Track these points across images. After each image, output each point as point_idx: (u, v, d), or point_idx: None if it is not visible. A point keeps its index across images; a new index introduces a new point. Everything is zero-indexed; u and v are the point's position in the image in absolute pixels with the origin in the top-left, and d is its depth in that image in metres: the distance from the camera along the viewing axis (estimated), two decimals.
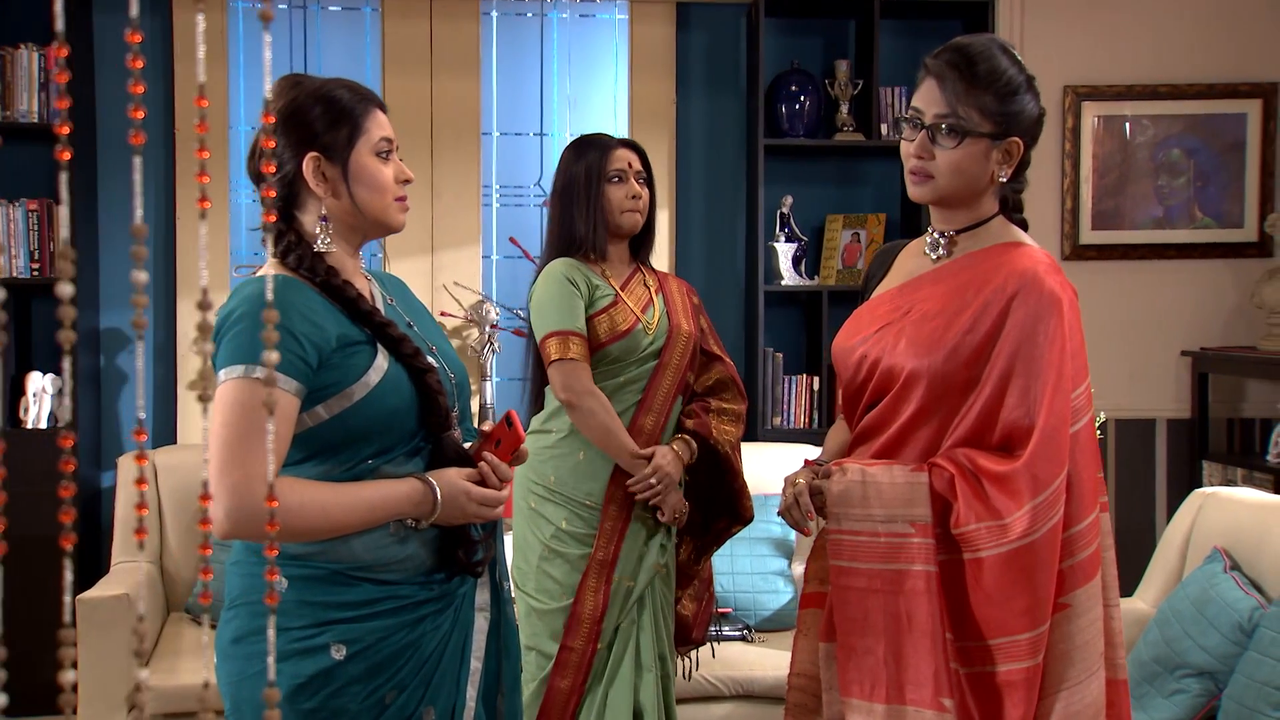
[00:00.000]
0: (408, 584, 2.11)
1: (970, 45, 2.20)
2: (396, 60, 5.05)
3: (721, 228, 5.25)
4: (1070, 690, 2.05)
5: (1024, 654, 2.04)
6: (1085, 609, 2.07)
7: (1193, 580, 3.45)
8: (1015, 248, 2.19)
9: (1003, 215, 2.25)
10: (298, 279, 2.08)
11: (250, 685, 2.07)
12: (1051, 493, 2.05)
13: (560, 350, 3.15)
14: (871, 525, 2.15)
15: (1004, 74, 2.16)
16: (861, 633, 2.15)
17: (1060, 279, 2.13)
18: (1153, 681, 3.36)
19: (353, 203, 2.14)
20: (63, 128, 0.83)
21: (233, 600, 2.12)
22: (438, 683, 2.14)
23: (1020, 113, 2.18)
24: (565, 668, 3.18)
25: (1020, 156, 2.20)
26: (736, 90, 5.22)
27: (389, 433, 2.08)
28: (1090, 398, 2.13)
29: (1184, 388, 5.26)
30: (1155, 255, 5.26)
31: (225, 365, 1.98)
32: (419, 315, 2.30)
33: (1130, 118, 5.23)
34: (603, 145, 3.29)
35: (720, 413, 3.34)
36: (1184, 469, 5.23)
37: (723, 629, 4.27)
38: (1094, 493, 2.11)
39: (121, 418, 4.93)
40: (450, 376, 2.21)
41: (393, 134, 2.19)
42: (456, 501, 2.10)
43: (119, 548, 4.43)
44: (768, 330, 5.11)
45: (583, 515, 3.21)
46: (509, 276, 5.23)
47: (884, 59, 5.09)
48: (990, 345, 2.11)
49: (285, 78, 2.19)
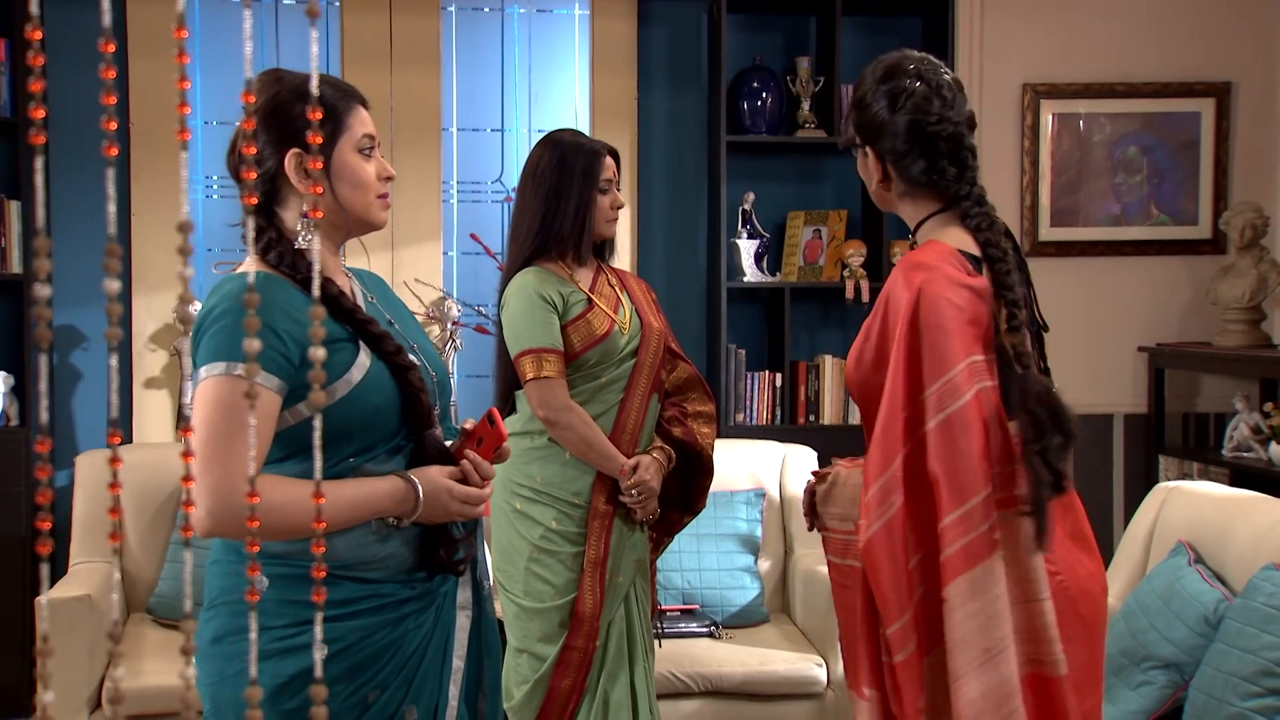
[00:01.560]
0: (389, 582, 2.12)
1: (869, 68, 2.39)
2: (356, 56, 5.07)
3: (684, 224, 5.30)
4: (965, 680, 2.06)
5: (897, 644, 2.12)
6: (960, 603, 2.06)
7: (1158, 574, 3.53)
8: (920, 248, 2.30)
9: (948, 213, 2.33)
10: (279, 275, 2.09)
11: (230, 685, 2.07)
12: (882, 485, 2.12)
13: (535, 369, 3.22)
14: (835, 523, 2.33)
15: (859, 86, 2.37)
16: (840, 624, 2.35)
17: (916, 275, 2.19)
18: (1119, 674, 3.43)
19: (335, 200, 2.15)
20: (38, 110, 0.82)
21: (212, 600, 2.13)
22: (420, 682, 2.15)
23: (867, 122, 2.34)
24: (568, 667, 3.23)
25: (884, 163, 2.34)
26: (698, 86, 5.28)
27: (370, 431, 2.09)
28: (960, 384, 2.11)
29: (1141, 383, 5.37)
30: (1112, 252, 5.37)
31: (206, 363, 1.99)
32: (399, 313, 2.32)
33: (1087, 115, 5.33)
34: (594, 152, 3.31)
35: (696, 416, 3.44)
36: (1141, 464, 5.34)
37: (690, 626, 4.33)
38: (973, 486, 2.08)
39: (76, 416, 4.92)
40: (431, 375, 2.23)
41: (374, 131, 2.21)
42: (438, 500, 2.11)
43: (78, 548, 4.42)
44: (730, 327, 5.17)
45: (571, 514, 3.26)
46: (470, 273, 5.26)
47: (845, 56, 5.14)
48: (885, 349, 2.21)
49: (266, 73, 2.20)
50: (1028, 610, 2.13)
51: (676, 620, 4.35)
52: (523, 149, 5.17)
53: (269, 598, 2.06)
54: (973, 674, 2.05)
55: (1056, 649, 2.12)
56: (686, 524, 3.53)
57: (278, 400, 2.01)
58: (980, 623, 2.06)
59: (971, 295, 2.17)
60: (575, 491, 3.27)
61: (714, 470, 3.47)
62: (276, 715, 2.04)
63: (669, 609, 4.39)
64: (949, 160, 2.31)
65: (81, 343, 4.91)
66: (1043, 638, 2.12)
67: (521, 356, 3.24)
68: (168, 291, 4.92)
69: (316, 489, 0.95)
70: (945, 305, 2.14)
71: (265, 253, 2.12)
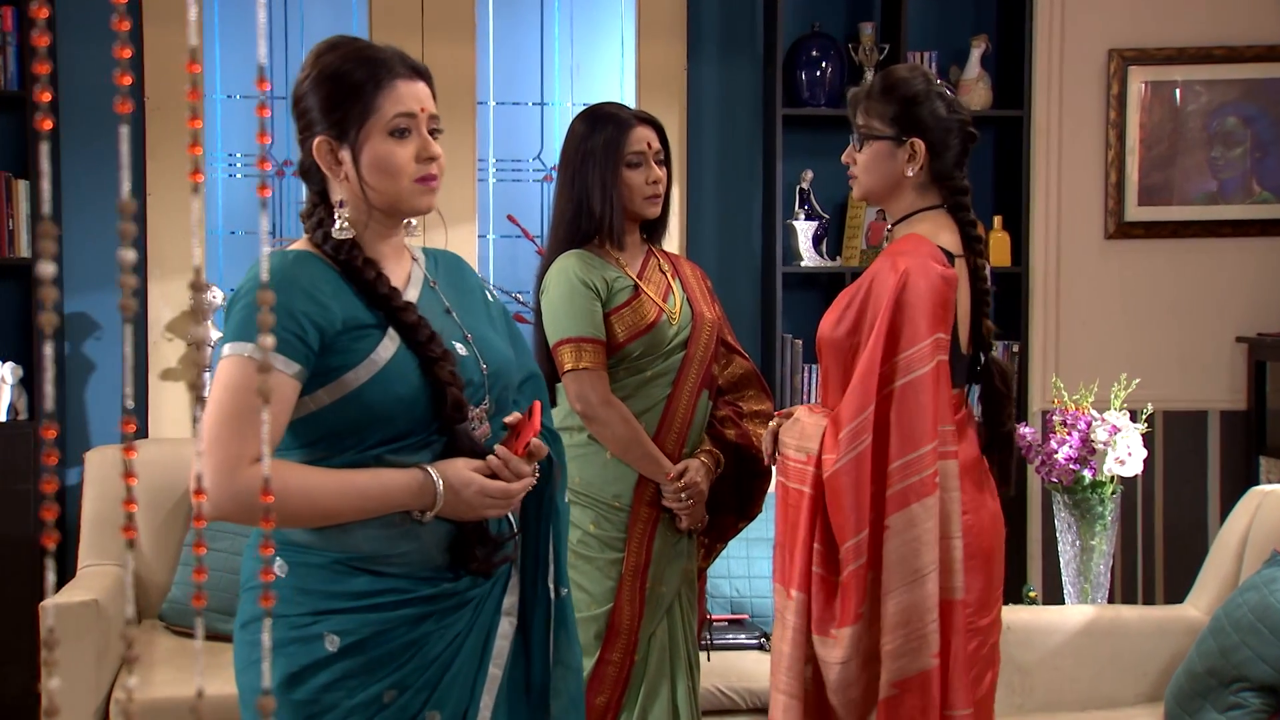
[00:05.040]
0: (410, 579, 2.15)
1: (890, 71, 2.92)
2: (385, 25, 4.99)
3: (736, 205, 5.20)
4: (895, 594, 2.67)
5: (850, 558, 2.71)
6: (897, 531, 2.69)
7: (1250, 586, 3.43)
8: (902, 236, 2.85)
9: (942, 210, 2.88)
10: (320, 256, 2.16)
11: (250, 673, 2.18)
12: (855, 427, 2.71)
13: (574, 359, 3.15)
14: (792, 452, 2.87)
15: (905, 89, 2.84)
16: (779, 534, 2.93)
17: (902, 261, 2.75)
18: (1207, 695, 3.36)
19: (362, 190, 2.17)
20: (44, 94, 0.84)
21: (245, 584, 2.24)
22: (446, 686, 2.16)
23: (925, 117, 2.83)
24: (603, 682, 3.17)
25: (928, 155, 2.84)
26: (752, 56, 5.17)
27: (393, 422, 2.11)
28: (924, 355, 2.71)
29: (1239, 377, 5.21)
30: (1208, 233, 5.21)
31: (227, 341, 2.08)
32: (464, 298, 2.33)
33: (1181, 83, 5.16)
34: (620, 121, 3.23)
35: (753, 416, 3.37)
36: (1239, 465, 5.18)
37: (738, 637, 4.28)
38: (922, 438, 2.70)
39: (89, 409, 4.88)
40: (482, 366, 2.23)
41: (417, 106, 2.18)
42: (462, 495, 2.12)
43: (86, 549, 4.41)
44: (786, 315, 5.06)
45: (611, 518, 3.20)
46: (507, 257, 5.18)
47: (912, 21, 5.03)
48: (862, 317, 2.79)
49: (324, 43, 2.23)
50: (944, 545, 2.71)
51: (724, 631, 4.29)
52: (565, 124, 5.04)
53: (287, 585, 2.13)
54: (901, 590, 2.67)
55: (959, 579, 2.74)
56: (741, 529, 3.46)
57: (293, 385, 2.05)
58: (913, 549, 2.67)
59: (944, 284, 2.75)
60: (616, 494, 3.20)
61: (769, 475, 3.39)
62: (287, 705, 2.10)
63: (716, 619, 4.31)
64: (963, 163, 2.90)
65: (94, 331, 4.87)
66: (951, 569, 2.73)
67: (560, 346, 3.18)
68: (185, 276, 4.87)
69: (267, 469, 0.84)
70: (924, 289, 2.71)
71: (313, 231, 2.20)
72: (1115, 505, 4.29)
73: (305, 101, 2.18)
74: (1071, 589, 4.32)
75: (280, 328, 2.03)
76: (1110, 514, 4.26)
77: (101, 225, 4.81)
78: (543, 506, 2.32)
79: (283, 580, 2.14)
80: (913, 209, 2.88)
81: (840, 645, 2.73)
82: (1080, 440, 4.18)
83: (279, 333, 2.03)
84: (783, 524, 2.90)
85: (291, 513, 2.06)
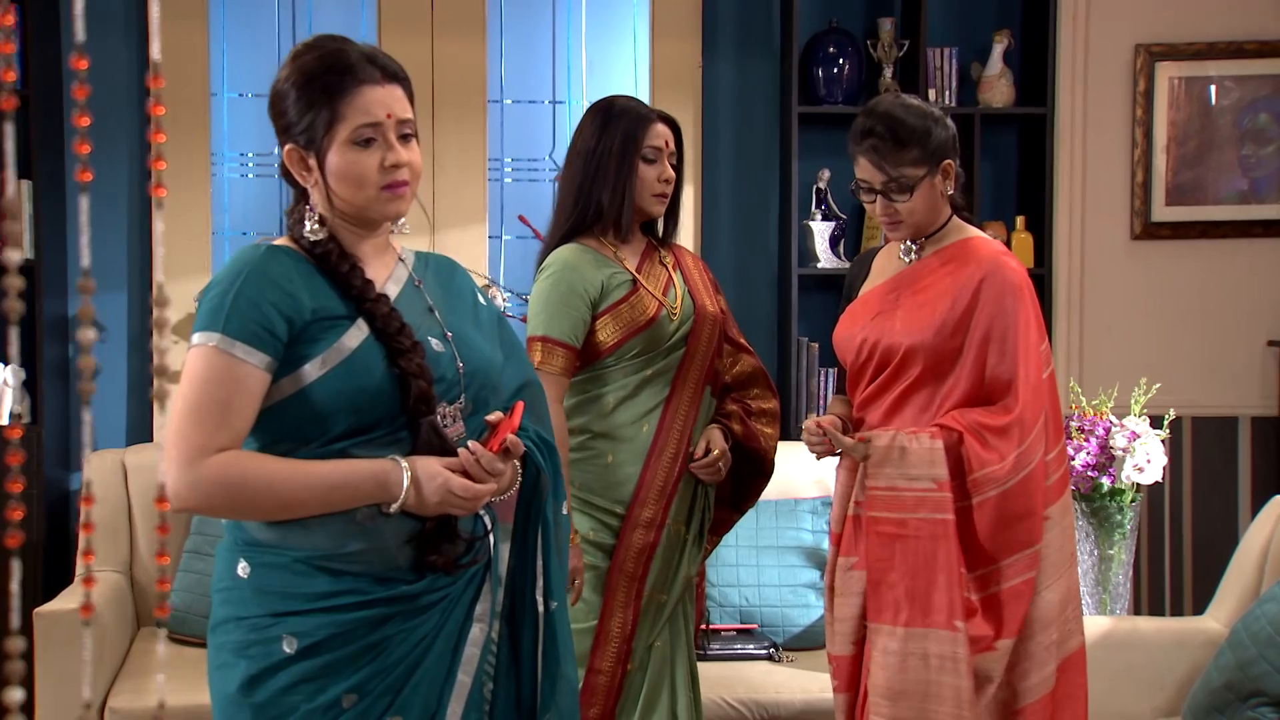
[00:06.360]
0: (369, 579, 2.14)
1: (883, 116, 2.97)
2: (394, 22, 4.99)
3: (751, 204, 5.16)
4: (1055, 584, 2.87)
5: (1026, 567, 2.83)
6: (1057, 519, 2.88)
7: (1270, 598, 3.39)
8: (971, 240, 3.02)
9: (956, 217, 3.06)
10: (295, 249, 2.19)
11: (219, 676, 2.18)
12: (1037, 432, 2.84)
13: (541, 358, 3.12)
14: (902, 482, 2.87)
15: (915, 127, 2.96)
16: (888, 569, 2.88)
17: (1016, 262, 3.00)
18: (1224, 710, 3.33)
19: (329, 198, 2.19)
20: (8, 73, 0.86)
21: (214, 585, 2.23)
22: (410, 691, 2.15)
23: (947, 140, 2.99)
24: (594, 694, 3.13)
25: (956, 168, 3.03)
26: (769, 53, 5.14)
27: (358, 413, 2.12)
28: (1050, 352, 2.99)
29: (1271, 382, 5.15)
30: (1239, 234, 5.16)
31: (196, 331, 2.11)
32: (451, 298, 2.33)
33: (1212, 79, 5.11)
34: (640, 116, 3.21)
35: (759, 415, 3.34)
36: (1271, 472, 5.13)
37: (746, 647, 4.24)
38: (1059, 427, 2.98)
39: (95, 413, 4.90)
40: (458, 364, 2.22)
41: (383, 113, 2.18)
42: (425, 487, 2.11)
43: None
44: (802, 318, 5.02)
45: (610, 524, 3.17)
46: (519, 259, 5.17)
47: (932, 16, 5.00)
48: (969, 319, 2.90)
49: (303, 43, 2.26)
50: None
51: (731, 641, 4.26)
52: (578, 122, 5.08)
53: (248, 586, 2.14)
54: (1058, 579, 2.87)
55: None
56: (734, 523, 3.44)
57: (262, 377, 2.08)
58: (1068, 534, 2.92)
59: None
60: (616, 499, 3.17)
61: (771, 475, 3.39)
62: (249, 709, 2.12)
63: (724, 628, 4.29)
64: None
65: (98, 334, 4.89)
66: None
67: (532, 340, 3.15)
68: (192, 279, 4.88)
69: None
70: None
71: (294, 227, 2.24)
72: (1135, 514, 4.24)
73: (280, 105, 2.21)
74: (1090, 599, 4.27)
75: (248, 319, 2.07)
76: (1130, 522, 4.21)
77: (106, 227, 4.84)
78: (530, 517, 2.30)
79: (244, 581, 2.14)
80: (941, 222, 3.04)
81: (1000, 658, 2.85)
82: (1098, 447, 4.13)
83: (247, 324, 2.06)
84: (912, 560, 2.86)
85: (252, 503, 2.08)
